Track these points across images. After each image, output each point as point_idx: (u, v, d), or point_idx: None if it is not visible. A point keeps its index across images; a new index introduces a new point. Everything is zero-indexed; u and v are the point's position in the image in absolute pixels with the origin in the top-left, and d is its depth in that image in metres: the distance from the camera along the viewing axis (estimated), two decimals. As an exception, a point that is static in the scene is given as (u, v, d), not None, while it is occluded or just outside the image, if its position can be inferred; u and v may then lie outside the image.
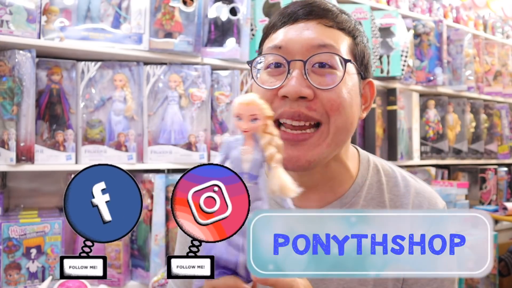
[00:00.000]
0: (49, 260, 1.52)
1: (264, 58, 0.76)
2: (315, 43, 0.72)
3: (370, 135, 2.20)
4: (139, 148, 1.70)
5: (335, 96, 0.71)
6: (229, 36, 1.84)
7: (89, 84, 1.66)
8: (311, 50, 0.71)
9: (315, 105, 0.71)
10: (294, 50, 0.72)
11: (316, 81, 0.71)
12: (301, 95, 0.70)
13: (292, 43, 0.72)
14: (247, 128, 0.57)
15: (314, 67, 0.72)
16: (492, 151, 2.84)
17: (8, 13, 1.46)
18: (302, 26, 0.73)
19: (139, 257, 1.71)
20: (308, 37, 0.72)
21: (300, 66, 0.71)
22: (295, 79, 0.70)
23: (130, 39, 1.66)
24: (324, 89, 0.70)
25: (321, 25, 0.74)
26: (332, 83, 0.71)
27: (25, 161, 1.50)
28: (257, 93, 0.74)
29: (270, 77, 0.75)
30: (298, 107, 0.70)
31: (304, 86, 0.70)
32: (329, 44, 0.72)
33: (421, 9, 2.56)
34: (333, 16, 0.75)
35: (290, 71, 0.71)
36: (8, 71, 1.50)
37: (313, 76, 0.71)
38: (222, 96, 1.82)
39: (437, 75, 2.45)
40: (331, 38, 0.73)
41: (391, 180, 0.84)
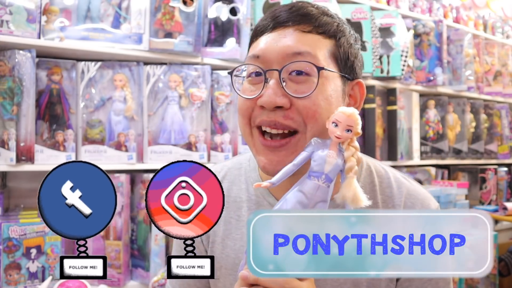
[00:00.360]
0: (49, 260, 1.52)
1: (246, 67, 0.78)
2: (289, 51, 0.72)
3: (370, 135, 2.20)
4: (139, 148, 1.70)
5: (311, 104, 0.71)
6: (229, 36, 1.84)
7: (89, 84, 1.66)
8: (286, 59, 0.72)
9: (292, 113, 0.72)
10: (271, 59, 0.73)
11: (292, 89, 0.71)
12: (276, 105, 0.71)
13: (268, 52, 0.74)
14: (340, 136, 0.62)
15: (291, 74, 0.72)
16: (492, 151, 2.84)
17: (8, 13, 1.46)
18: (279, 34, 0.74)
19: (139, 257, 1.71)
20: (284, 45, 0.73)
21: (277, 74, 0.72)
22: (271, 89, 0.71)
23: (130, 39, 1.67)
24: (299, 97, 0.71)
25: (298, 31, 0.74)
26: (307, 91, 0.71)
27: (25, 161, 1.50)
28: (240, 102, 0.78)
29: (251, 85, 0.76)
30: (275, 117, 0.72)
31: (279, 95, 0.71)
32: (304, 52, 0.72)
33: (421, 9, 2.56)
34: (311, 21, 0.75)
35: (267, 80, 0.73)
36: (8, 71, 1.50)
37: (290, 84, 0.72)
38: (222, 96, 1.82)
39: (437, 75, 2.45)
40: (307, 45, 0.73)
41: (384, 181, 0.84)
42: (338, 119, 0.62)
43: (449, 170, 2.69)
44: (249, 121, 0.76)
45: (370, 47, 2.12)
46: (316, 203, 0.61)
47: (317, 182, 0.61)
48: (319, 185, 0.61)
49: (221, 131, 1.81)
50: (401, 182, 0.84)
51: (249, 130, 0.77)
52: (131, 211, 1.70)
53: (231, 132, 1.82)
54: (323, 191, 0.62)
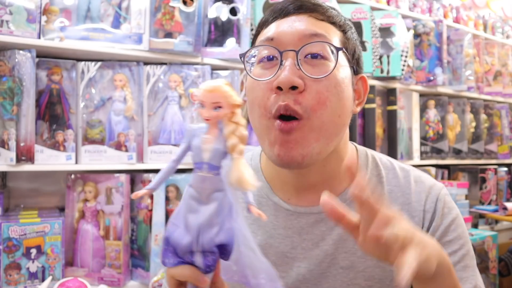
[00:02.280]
0: (49, 260, 1.52)
1: (257, 51, 0.76)
2: (307, 33, 0.72)
3: (370, 135, 2.20)
4: (139, 148, 1.70)
5: (324, 89, 0.70)
6: (229, 36, 1.84)
7: (89, 84, 1.66)
8: (303, 40, 0.71)
9: (302, 98, 0.70)
10: (286, 41, 0.72)
11: (308, 71, 0.70)
12: (293, 84, 0.69)
13: (284, 34, 0.72)
14: (208, 117, 0.54)
15: (306, 57, 0.71)
16: (492, 151, 2.84)
17: (8, 13, 1.46)
18: (293, 19, 0.74)
19: (139, 257, 1.71)
20: (300, 28, 0.72)
21: (293, 56, 0.70)
22: (288, 69, 0.69)
23: (130, 39, 1.66)
24: (316, 78, 0.70)
25: (312, 17, 0.74)
26: (323, 74, 0.70)
27: (25, 161, 1.50)
28: (252, 88, 0.75)
29: (263, 70, 0.74)
30: (288, 100, 0.69)
31: (296, 75, 0.69)
32: (321, 34, 0.72)
33: (421, 9, 2.56)
34: (323, 11, 0.75)
35: (282, 62, 0.71)
36: (8, 71, 1.50)
37: (306, 67, 0.71)
38: (222, 96, 1.81)
39: (437, 75, 2.45)
40: (322, 29, 0.73)
41: (390, 172, 0.83)
42: (202, 97, 0.54)
43: (449, 170, 2.68)
44: (265, 111, 0.72)
45: (370, 47, 2.12)
46: (209, 195, 0.54)
47: (201, 174, 0.54)
48: (204, 176, 0.54)
49: (221, 131, 1.81)
50: (406, 170, 0.84)
51: (265, 122, 0.72)
52: (131, 211, 1.70)
53: (231, 132, 1.82)
54: (212, 181, 0.54)
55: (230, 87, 0.55)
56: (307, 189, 0.79)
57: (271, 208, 0.80)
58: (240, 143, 0.54)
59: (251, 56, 0.77)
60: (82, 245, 1.63)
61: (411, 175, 0.83)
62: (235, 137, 0.54)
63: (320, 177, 0.78)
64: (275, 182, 0.82)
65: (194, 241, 0.54)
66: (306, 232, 0.77)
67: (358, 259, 0.76)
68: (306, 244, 0.77)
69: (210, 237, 0.54)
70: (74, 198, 1.65)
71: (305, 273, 0.76)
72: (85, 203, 1.65)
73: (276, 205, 0.80)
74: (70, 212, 1.64)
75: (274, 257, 0.78)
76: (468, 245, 0.78)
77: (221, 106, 0.54)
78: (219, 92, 0.54)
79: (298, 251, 0.77)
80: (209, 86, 0.54)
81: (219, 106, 0.54)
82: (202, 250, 0.54)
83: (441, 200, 0.80)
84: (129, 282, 1.68)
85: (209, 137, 0.55)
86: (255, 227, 0.80)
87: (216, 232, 0.54)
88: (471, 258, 0.78)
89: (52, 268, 1.52)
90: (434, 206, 0.79)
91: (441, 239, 0.77)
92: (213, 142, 0.55)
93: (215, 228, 0.54)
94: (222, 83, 0.54)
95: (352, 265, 0.76)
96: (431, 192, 0.81)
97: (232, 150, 0.54)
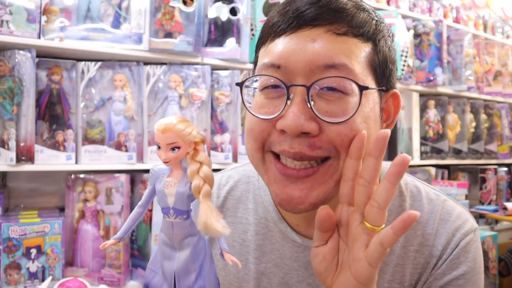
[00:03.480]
0: (49, 260, 1.52)
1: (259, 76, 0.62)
2: (321, 63, 0.56)
3: (370, 135, 2.20)
4: (139, 148, 1.70)
5: (347, 129, 0.56)
6: (229, 36, 1.84)
7: (89, 84, 1.66)
8: (316, 72, 0.57)
9: (320, 142, 0.57)
10: (295, 70, 0.57)
11: (322, 110, 0.56)
12: (303, 131, 0.56)
13: (293, 62, 0.57)
14: (166, 159, 0.49)
15: (322, 90, 0.57)
16: (492, 151, 2.84)
17: (8, 13, 1.46)
18: (306, 36, 0.58)
19: (139, 257, 1.71)
20: (313, 54, 0.56)
21: (303, 90, 0.57)
22: (296, 110, 0.56)
23: (130, 39, 1.66)
24: (333, 122, 0.56)
25: (330, 33, 0.57)
26: (342, 113, 0.56)
27: (25, 161, 1.50)
28: (251, 121, 0.62)
29: (268, 100, 0.60)
30: (299, 147, 0.57)
31: (307, 118, 0.56)
32: (340, 64, 0.56)
33: (421, 9, 2.56)
34: (347, 19, 0.58)
35: (290, 97, 0.57)
36: (8, 71, 1.50)
37: (319, 103, 0.57)
38: (222, 96, 1.82)
39: (437, 75, 2.45)
40: (343, 53, 0.57)
41: (415, 204, 0.71)
42: (156, 139, 0.49)
43: (449, 170, 2.68)
44: (262, 145, 0.61)
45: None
46: (180, 241, 0.50)
47: (169, 220, 0.50)
48: (171, 222, 0.50)
49: (221, 131, 1.81)
50: (434, 202, 0.72)
51: (261, 155, 0.62)
52: (131, 211, 1.70)
53: (231, 132, 1.82)
54: (180, 227, 0.50)
55: (185, 123, 0.50)
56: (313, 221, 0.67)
57: (277, 234, 0.72)
58: (206, 184, 0.49)
59: (252, 81, 0.63)
60: (82, 245, 1.63)
61: (439, 211, 0.71)
62: (199, 178, 0.49)
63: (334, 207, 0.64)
64: None
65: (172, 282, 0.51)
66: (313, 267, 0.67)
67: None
68: (313, 280, 0.70)
69: (188, 285, 0.50)
70: (74, 198, 1.65)
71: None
72: (85, 203, 1.65)
73: (283, 234, 0.72)
74: (70, 212, 1.64)
75: (279, 287, 0.72)
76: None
77: (179, 147, 0.49)
78: (173, 131, 0.48)
79: (303, 286, 0.71)
80: (161, 126, 0.49)
81: (176, 147, 0.49)
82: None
83: (463, 246, 0.68)
84: (129, 282, 1.68)
85: (171, 180, 0.50)
86: (258, 253, 0.73)
87: (195, 279, 0.50)
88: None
89: (52, 268, 1.52)
90: (451, 252, 0.68)
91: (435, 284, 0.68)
92: (176, 185, 0.50)
93: (193, 275, 0.50)
94: (176, 120, 0.49)
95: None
96: (455, 236, 0.69)
97: (197, 193, 0.48)
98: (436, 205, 0.71)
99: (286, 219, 0.72)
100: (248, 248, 0.74)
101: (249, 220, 0.75)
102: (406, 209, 0.71)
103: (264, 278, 0.72)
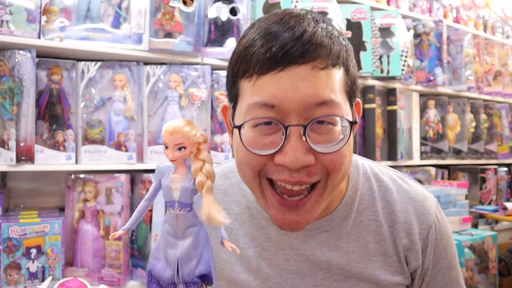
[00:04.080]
0: (49, 260, 1.52)
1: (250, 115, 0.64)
2: (313, 101, 0.62)
3: (370, 135, 2.20)
4: (139, 148, 1.70)
5: (337, 157, 0.64)
6: (229, 36, 1.84)
7: (89, 84, 1.66)
8: (309, 109, 0.62)
9: (316, 169, 0.64)
10: (289, 109, 0.62)
11: (316, 142, 0.62)
12: (304, 165, 0.62)
13: (287, 102, 0.61)
14: (173, 158, 0.56)
15: (312, 124, 0.62)
16: (492, 151, 2.84)
17: (8, 13, 1.47)
18: (296, 75, 0.61)
19: (139, 257, 1.71)
20: (306, 93, 0.61)
21: (298, 128, 0.62)
22: (295, 146, 0.61)
23: (130, 39, 1.66)
24: (328, 153, 0.63)
25: (316, 69, 0.62)
26: (330, 141, 0.63)
27: (25, 161, 1.50)
28: (248, 156, 0.65)
29: (262, 136, 0.64)
30: (299, 176, 0.63)
31: (304, 152, 0.62)
32: (329, 100, 0.62)
33: (421, 9, 2.56)
34: (326, 53, 0.63)
35: (286, 134, 0.62)
36: (8, 71, 1.50)
37: (312, 136, 0.63)
38: (222, 96, 1.82)
39: (437, 75, 2.45)
40: (329, 88, 0.62)
41: (383, 185, 0.81)
42: (164, 140, 0.56)
43: (449, 170, 2.69)
44: (258, 173, 0.66)
45: (370, 47, 2.12)
46: (183, 231, 0.57)
47: (174, 212, 0.56)
48: (176, 214, 0.56)
49: (221, 131, 1.82)
50: (399, 185, 0.82)
51: (258, 181, 0.67)
52: (131, 211, 1.70)
53: (231, 132, 1.82)
54: (185, 219, 0.56)
55: (190, 126, 0.56)
56: None
57: (262, 220, 0.79)
58: (208, 180, 0.55)
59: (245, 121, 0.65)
60: (82, 245, 1.63)
61: (404, 191, 0.81)
62: (202, 175, 0.55)
63: None
64: None
65: (174, 274, 0.57)
66: (297, 247, 0.77)
67: (351, 275, 0.76)
68: (298, 257, 0.77)
69: (190, 269, 0.56)
70: (74, 198, 1.65)
71: (300, 284, 0.76)
72: (85, 203, 1.65)
73: (266, 219, 0.79)
74: (70, 212, 1.64)
75: (268, 268, 0.78)
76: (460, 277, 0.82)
77: (185, 147, 0.55)
78: (180, 133, 0.55)
79: (291, 263, 0.77)
80: (169, 128, 0.55)
81: (182, 147, 0.55)
82: (184, 281, 0.57)
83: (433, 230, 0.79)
84: (129, 282, 1.68)
85: (177, 176, 0.57)
86: (247, 240, 0.80)
87: (196, 264, 0.57)
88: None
89: (52, 268, 1.52)
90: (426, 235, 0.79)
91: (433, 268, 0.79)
92: (181, 181, 0.56)
93: (194, 261, 0.57)
94: (182, 124, 0.55)
95: (345, 279, 0.76)
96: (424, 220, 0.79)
97: (200, 188, 0.55)
98: (400, 185, 0.81)
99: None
100: (237, 235, 0.80)
101: (235, 210, 0.82)
102: (375, 191, 0.80)
103: (253, 262, 0.78)
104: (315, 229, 0.76)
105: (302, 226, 0.68)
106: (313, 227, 0.76)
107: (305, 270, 0.76)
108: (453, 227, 2.14)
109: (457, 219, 2.20)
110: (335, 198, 0.77)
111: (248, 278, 0.78)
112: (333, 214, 0.77)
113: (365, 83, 2.19)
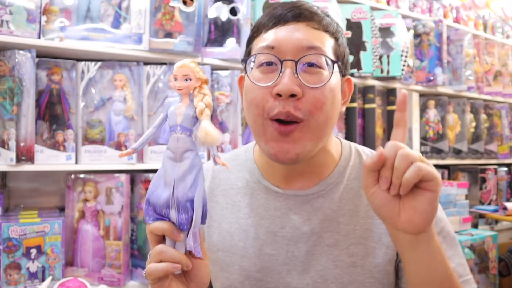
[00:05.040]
0: (49, 260, 1.52)
1: (256, 56, 0.81)
2: (304, 45, 0.77)
3: (370, 135, 2.20)
4: (139, 148, 1.69)
5: (321, 95, 0.77)
6: (229, 36, 1.84)
7: (89, 84, 1.66)
8: (301, 51, 0.77)
9: (301, 104, 0.76)
10: (285, 50, 0.77)
11: (305, 79, 0.76)
12: (292, 93, 0.75)
13: (284, 44, 0.78)
14: (180, 87, 0.65)
15: (304, 65, 0.77)
16: (492, 151, 2.84)
17: (8, 13, 1.46)
18: (292, 28, 0.79)
19: (139, 257, 1.71)
20: (299, 38, 0.78)
21: (291, 65, 0.77)
22: (288, 77, 0.75)
23: (130, 39, 1.66)
24: (312, 87, 0.76)
25: (309, 27, 0.79)
26: (319, 82, 0.77)
27: (25, 161, 1.50)
28: (251, 89, 0.80)
29: (263, 74, 0.79)
30: (288, 107, 0.76)
31: (295, 84, 0.75)
32: (317, 46, 0.78)
33: (421, 9, 2.56)
34: (319, 19, 0.81)
35: (282, 69, 0.77)
36: (8, 71, 1.50)
37: (303, 75, 0.77)
38: (222, 96, 1.82)
39: (437, 75, 2.45)
40: (318, 40, 0.79)
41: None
42: (175, 73, 0.66)
43: (449, 170, 2.69)
44: (262, 112, 0.79)
45: (370, 47, 2.12)
46: (182, 153, 0.65)
47: (176, 135, 0.65)
48: (177, 136, 0.65)
49: (221, 131, 1.81)
50: None
51: (261, 121, 0.79)
52: (131, 211, 1.70)
53: (231, 132, 1.82)
54: (183, 141, 0.65)
55: (196, 64, 0.66)
56: (295, 176, 0.87)
57: (262, 191, 0.88)
58: (207, 108, 0.65)
59: (250, 61, 0.82)
60: (82, 245, 1.63)
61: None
62: (203, 104, 0.65)
63: (307, 166, 0.86)
64: (266, 170, 0.90)
65: (170, 194, 0.64)
66: (294, 213, 0.85)
67: (342, 238, 0.83)
68: (294, 223, 0.84)
69: (184, 190, 0.64)
70: (74, 198, 1.65)
71: (294, 250, 0.83)
72: (85, 203, 1.65)
73: (267, 188, 0.88)
74: (70, 212, 1.64)
75: (265, 236, 0.85)
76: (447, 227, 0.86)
77: (190, 79, 0.65)
78: (188, 68, 0.65)
79: (287, 230, 0.84)
80: (180, 63, 0.65)
81: (189, 79, 0.65)
82: (177, 204, 0.64)
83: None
84: (129, 282, 1.68)
85: (181, 105, 0.66)
86: (247, 210, 0.88)
87: (189, 186, 0.64)
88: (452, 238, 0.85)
89: (52, 268, 1.52)
90: None
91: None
92: (184, 108, 0.66)
93: (188, 182, 0.64)
94: (190, 61, 0.66)
95: (336, 243, 0.82)
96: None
97: (200, 114, 0.64)
98: None
99: (268, 180, 0.89)
100: (238, 207, 0.89)
101: (238, 185, 0.92)
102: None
103: (252, 230, 0.86)
104: (311, 194, 0.85)
105: (292, 154, 0.77)
106: (309, 192, 0.85)
107: (299, 236, 0.84)
108: (453, 227, 2.14)
109: (457, 219, 2.20)
110: (329, 166, 0.88)
111: (245, 245, 0.86)
112: (327, 179, 0.86)
113: (365, 83, 2.19)
